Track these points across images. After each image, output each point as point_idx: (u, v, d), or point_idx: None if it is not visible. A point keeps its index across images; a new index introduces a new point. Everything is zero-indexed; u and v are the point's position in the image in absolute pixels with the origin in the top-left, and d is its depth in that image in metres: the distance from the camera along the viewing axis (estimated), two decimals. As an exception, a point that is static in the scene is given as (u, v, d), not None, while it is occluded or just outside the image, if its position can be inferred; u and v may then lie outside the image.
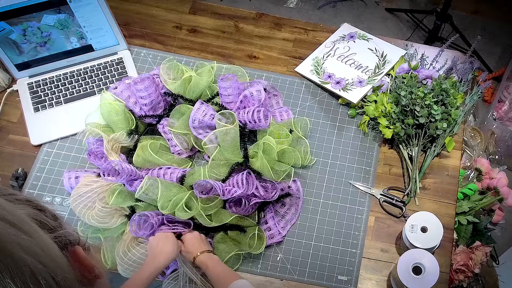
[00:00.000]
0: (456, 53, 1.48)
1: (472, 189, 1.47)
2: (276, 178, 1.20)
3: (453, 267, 1.39)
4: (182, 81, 1.30)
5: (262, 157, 1.20)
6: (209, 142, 1.22)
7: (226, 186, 1.14)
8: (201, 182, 1.13)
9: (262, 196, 1.16)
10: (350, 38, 1.49)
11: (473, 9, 2.75)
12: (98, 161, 1.18)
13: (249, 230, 1.17)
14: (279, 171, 1.22)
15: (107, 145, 1.18)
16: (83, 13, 1.29)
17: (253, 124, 1.25)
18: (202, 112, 1.23)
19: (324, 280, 1.17)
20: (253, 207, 1.17)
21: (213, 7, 1.55)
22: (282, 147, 1.23)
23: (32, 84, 1.35)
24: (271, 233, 1.19)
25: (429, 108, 1.28)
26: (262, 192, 1.17)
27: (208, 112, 1.24)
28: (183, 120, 1.24)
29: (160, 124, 1.27)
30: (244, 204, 1.14)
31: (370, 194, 1.28)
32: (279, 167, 1.22)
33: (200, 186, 1.14)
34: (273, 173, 1.20)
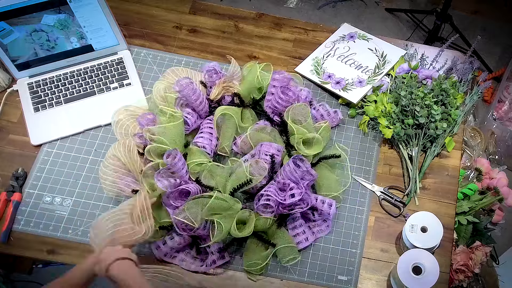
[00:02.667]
0: (456, 53, 1.49)
1: (472, 189, 1.47)
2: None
3: (453, 267, 1.39)
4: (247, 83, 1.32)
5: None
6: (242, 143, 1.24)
7: (281, 193, 1.14)
8: (262, 203, 1.12)
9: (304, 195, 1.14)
10: (350, 38, 1.49)
11: (473, 9, 2.75)
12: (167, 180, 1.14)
13: (280, 244, 1.15)
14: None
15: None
16: (83, 13, 1.29)
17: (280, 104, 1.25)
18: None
19: (324, 280, 1.17)
20: (288, 208, 1.15)
21: (213, 7, 1.55)
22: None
23: (32, 84, 1.35)
24: (299, 239, 1.18)
25: (429, 108, 1.28)
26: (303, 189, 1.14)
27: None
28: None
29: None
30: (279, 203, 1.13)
31: (370, 190, 1.28)
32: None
33: (262, 206, 1.13)
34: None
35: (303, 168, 1.14)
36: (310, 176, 1.16)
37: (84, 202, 1.23)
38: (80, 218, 1.21)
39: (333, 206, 1.17)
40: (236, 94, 1.30)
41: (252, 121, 1.30)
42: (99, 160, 1.28)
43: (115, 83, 1.37)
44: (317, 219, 1.21)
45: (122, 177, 1.19)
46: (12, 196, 1.20)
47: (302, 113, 1.24)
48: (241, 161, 1.19)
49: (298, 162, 1.14)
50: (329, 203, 1.17)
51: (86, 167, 1.27)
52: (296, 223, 1.19)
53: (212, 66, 1.34)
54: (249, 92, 1.32)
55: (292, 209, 1.15)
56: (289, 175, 1.13)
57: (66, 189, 1.24)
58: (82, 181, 1.25)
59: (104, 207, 1.22)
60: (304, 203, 1.16)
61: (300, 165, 1.14)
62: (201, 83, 1.34)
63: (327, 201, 1.18)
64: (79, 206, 1.22)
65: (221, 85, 1.31)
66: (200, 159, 1.20)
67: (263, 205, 1.14)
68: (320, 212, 1.19)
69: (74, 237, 1.19)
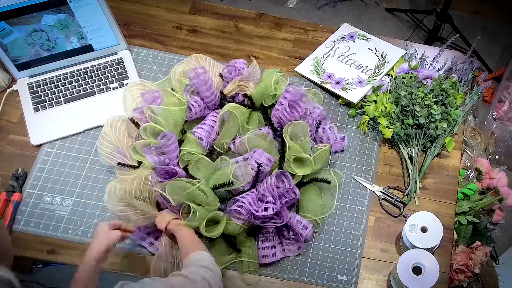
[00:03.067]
0: (456, 53, 1.49)
1: (472, 189, 1.47)
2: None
3: (453, 267, 1.39)
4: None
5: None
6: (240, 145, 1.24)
7: (258, 203, 1.13)
8: (234, 208, 1.13)
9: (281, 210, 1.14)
10: (350, 38, 1.49)
11: (473, 9, 2.75)
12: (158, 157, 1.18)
13: (245, 255, 1.16)
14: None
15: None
16: (83, 13, 1.29)
17: (285, 117, 1.25)
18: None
19: (324, 280, 1.17)
20: (261, 219, 1.14)
21: (213, 7, 1.55)
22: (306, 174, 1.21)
23: (32, 84, 1.35)
24: (266, 253, 1.17)
25: (429, 108, 1.28)
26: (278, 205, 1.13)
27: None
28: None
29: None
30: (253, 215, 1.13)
31: (370, 190, 1.28)
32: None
33: (234, 211, 1.13)
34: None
35: (286, 185, 1.13)
36: (292, 194, 1.16)
37: (84, 202, 1.23)
38: (80, 218, 1.21)
39: (308, 229, 1.15)
40: (247, 96, 1.30)
41: (258, 125, 1.30)
42: (99, 160, 1.28)
43: (115, 83, 1.37)
44: (291, 238, 1.19)
45: (118, 150, 1.23)
46: (12, 196, 1.20)
47: (302, 131, 1.23)
48: (230, 161, 1.19)
49: (283, 178, 1.14)
50: (305, 225, 1.16)
51: (86, 167, 1.27)
52: (268, 236, 1.17)
53: (235, 63, 1.34)
54: (261, 97, 1.32)
55: (266, 222, 1.14)
56: (269, 188, 1.13)
57: (66, 189, 1.24)
58: (82, 181, 1.25)
59: (104, 207, 1.22)
60: (279, 218, 1.15)
61: (284, 181, 1.14)
62: (219, 75, 1.35)
63: (304, 222, 1.16)
64: (79, 206, 1.22)
65: (237, 83, 1.31)
66: (193, 149, 1.21)
67: (235, 211, 1.13)
68: (295, 232, 1.17)
69: (74, 237, 1.19)
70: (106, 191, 1.14)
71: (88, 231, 1.19)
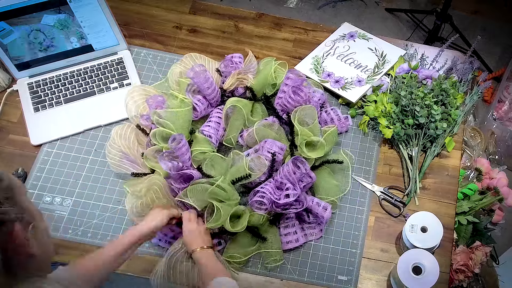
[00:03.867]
0: (456, 53, 1.48)
1: (472, 189, 1.47)
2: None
3: (453, 267, 1.39)
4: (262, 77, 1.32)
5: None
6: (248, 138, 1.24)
7: (278, 192, 1.13)
8: (256, 199, 1.13)
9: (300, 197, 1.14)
10: (350, 38, 1.49)
11: (473, 9, 2.75)
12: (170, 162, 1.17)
13: (270, 244, 1.16)
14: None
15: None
16: (83, 13, 1.29)
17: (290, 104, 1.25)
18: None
19: (324, 280, 1.17)
20: (283, 206, 1.15)
21: (213, 7, 1.55)
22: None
23: (32, 84, 1.35)
24: (288, 239, 1.18)
25: (429, 108, 1.28)
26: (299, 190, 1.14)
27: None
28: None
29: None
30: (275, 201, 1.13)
31: (370, 190, 1.28)
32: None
33: (256, 202, 1.14)
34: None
35: (302, 170, 1.14)
36: (308, 178, 1.16)
37: (84, 202, 1.23)
38: (80, 218, 1.21)
39: (328, 210, 1.16)
40: (249, 88, 1.30)
41: (262, 115, 1.30)
42: (99, 160, 1.28)
43: (115, 83, 1.37)
44: (312, 222, 1.20)
45: (127, 157, 1.22)
46: (12, 196, 1.20)
47: (310, 115, 1.24)
48: (243, 155, 1.19)
49: (298, 164, 1.14)
50: (324, 207, 1.17)
51: (86, 167, 1.27)
52: (289, 223, 1.19)
53: (231, 57, 1.34)
54: (262, 87, 1.32)
55: (287, 209, 1.15)
56: (287, 175, 1.13)
57: (66, 189, 1.24)
58: (82, 181, 1.25)
59: (104, 207, 1.22)
60: (299, 204, 1.16)
61: (299, 167, 1.14)
62: (216, 71, 1.35)
63: (323, 204, 1.17)
64: (79, 206, 1.22)
65: (236, 77, 1.31)
66: (204, 147, 1.21)
67: (257, 201, 1.14)
68: (315, 215, 1.18)
69: (74, 237, 1.19)
70: (127, 208, 1.16)
71: (88, 231, 1.19)
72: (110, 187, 1.25)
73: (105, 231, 1.20)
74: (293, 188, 1.13)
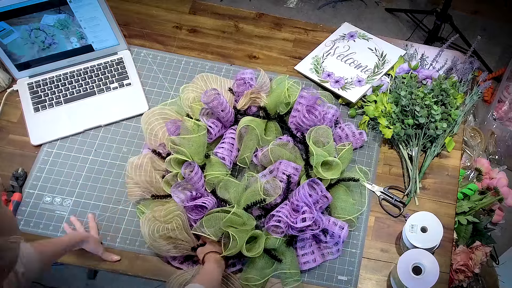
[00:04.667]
0: (456, 53, 1.48)
1: (472, 189, 1.47)
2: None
3: (453, 267, 1.39)
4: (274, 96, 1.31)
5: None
6: (263, 157, 1.23)
7: (294, 214, 1.13)
8: (272, 223, 1.12)
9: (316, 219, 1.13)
10: (350, 38, 1.49)
11: (473, 9, 2.75)
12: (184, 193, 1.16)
13: (287, 265, 1.15)
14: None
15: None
16: (83, 13, 1.29)
17: (305, 123, 1.24)
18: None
19: (324, 280, 1.17)
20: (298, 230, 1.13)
21: (213, 7, 1.55)
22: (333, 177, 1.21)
23: (32, 84, 1.35)
24: (306, 259, 1.17)
25: (429, 108, 1.28)
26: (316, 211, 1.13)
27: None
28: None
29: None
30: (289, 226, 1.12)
31: (370, 190, 1.28)
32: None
33: (272, 226, 1.12)
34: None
35: (318, 192, 1.13)
36: (325, 199, 1.16)
37: (84, 202, 1.23)
38: (80, 218, 1.21)
39: (344, 229, 1.15)
40: (262, 108, 1.29)
41: (276, 134, 1.29)
42: (99, 160, 1.28)
43: (115, 83, 1.37)
44: (329, 241, 1.18)
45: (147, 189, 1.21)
46: (12, 196, 1.20)
47: (325, 135, 1.23)
48: (258, 177, 1.19)
49: (314, 185, 1.14)
50: (341, 226, 1.16)
51: (86, 167, 1.27)
52: (306, 243, 1.17)
53: (243, 75, 1.32)
54: (275, 106, 1.31)
55: (303, 230, 1.13)
56: (303, 198, 1.12)
57: (66, 189, 1.24)
58: (82, 181, 1.25)
59: (104, 207, 1.22)
60: (316, 225, 1.14)
61: (315, 188, 1.14)
62: (229, 90, 1.34)
63: (339, 223, 1.16)
64: (79, 206, 1.22)
65: (249, 96, 1.30)
66: (218, 171, 1.19)
67: (274, 226, 1.13)
68: (332, 234, 1.17)
69: (74, 237, 1.19)
70: (142, 232, 1.14)
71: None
72: (110, 187, 1.25)
73: (105, 231, 1.20)
74: (310, 211, 1.12)
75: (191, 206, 1.12)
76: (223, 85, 1.36)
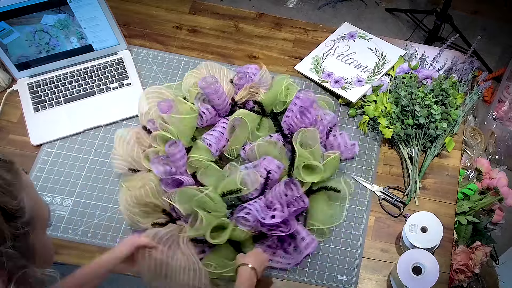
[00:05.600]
0: (456, 53, 1.48)
1: (472, 189, 1.47)
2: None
3: (453, 267, 1.39)
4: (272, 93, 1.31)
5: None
6: (250, 151, 1.23)
7: (266, 211, 1.12)
8: (241, 215, 1.11)
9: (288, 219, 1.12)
10: (350, 38, 1.49)
11: (473, 9, 2.75)
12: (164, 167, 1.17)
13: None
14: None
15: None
16: (83, 13, 1.29)
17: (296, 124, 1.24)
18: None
19: (324, 280, 1.17)
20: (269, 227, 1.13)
21: (213, 7, 1.55)
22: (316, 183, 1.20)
23: (32, 84, 1.35)
24: None
25: (429, 108, 1.28)
26: (286, 212, 1.12)
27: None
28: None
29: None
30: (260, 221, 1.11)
31: (370, 190, 1.28)
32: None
33: (241, 218, 1.12)
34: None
35: (295, 193, 1.12)
36: (301, 203, 1.15)
37: (84, 202, 1.23)
38: (80, 218, 1.21)
39: (311, 246, 1.14)
40: (257, 103, 1.30)
41: (269, 132, 1.29)
42: (99, 160, 1.28)
43: (115, 83, 1.37)
44: (290, 252, 1.17)
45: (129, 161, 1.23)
46: (12, 196, 1.20)
47: (312, 137, 1.22)
48: (239, 168, 1.19)
49: (292, 186, 1.14)
50: (308, 243, 1.14)
51: (86, 167, 1.27)
52: (271, 244, 1.16)
53: (246, 69, 1.33)
54: (272, 103, 1.31)
55: (273, 229, 1.12)
56: (277, 196, 1.12)
57: (66, 189, 1.24)
58: (82, 181, 1.25)
59: (104, 207, 1.22)
60: (287, 227, 1.13)
61: (292, 189, 1.13)
62: (230, 81, 1.34)
63: (308, 240, 1.15)
64: (79, 206, 1.22)
65: (248, 90, 1.30)
66: (202, 156, 1.21)
67: (242, 217, 1.12)
68: (296, 246, 1.16)
69: (74, 237, 1.19)
70: (120, 203, 1.16)
71: (88, 231, 1.19)
72: (110, 187, 1.25)
73: (105, 231, 1.20)
74: (281, 210, 1.11)
75: (168, 179, 1.13)
76: (225, 75, 1.37)
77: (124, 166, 1.22)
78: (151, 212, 1.16)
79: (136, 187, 1.16)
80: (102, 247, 1.17)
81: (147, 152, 1.21)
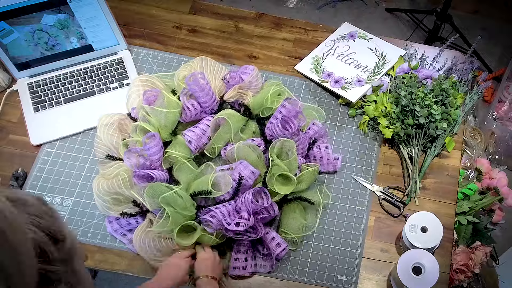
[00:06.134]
0: (456, 53, 1.49)
1: (472, 189, 1.47)
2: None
3: (453, 267, 1.39)
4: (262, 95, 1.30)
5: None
6: (230, 153, 1.22)
7: (234, 215, 1.11)
8: (206, 217, 1.10)
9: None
10: (350, 37, 1.49)
11: (473, 9, 2.75)
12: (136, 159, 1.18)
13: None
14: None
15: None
16: (83, 13, 1.29)
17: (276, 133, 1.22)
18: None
19: (324, 280, 1.17)
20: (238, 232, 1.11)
21: (213, 7, 1.55)
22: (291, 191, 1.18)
23: (32, 84, 1.35)
24: (236, 264, 1.15)
25: (429, 108, 1.28)
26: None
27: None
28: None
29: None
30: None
31: (370, 190, 1.28)
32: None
33: (207, 220, 1.11)
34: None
35: (264, 203, 1.11)
36: (271, 211, 1.13)
37: (84, 202, 1.23)
38: (80, 218, 1.21)
39: (281, 248, 1.14)
40: (242, 105, 1.29)
41: (253, 135, 1.28)
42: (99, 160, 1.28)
43: (115, 83, 1.37)
44: (265, 254, 1.16)
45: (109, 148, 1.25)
46: (12, 196, 1.20)
47: (290, 148, 1.20)
48: (215, 169, 1.18)
49: (263, 195, 1.13)
50: (279, 243, 1.14)
51: (86, 167, 1.27)
52: (242, 248, 1.15)
53: (245, 69, 1.32)
54: (259, 107, 1.29)
55: (240, 234, 1.11)
56: (245, 203, 1.10)
57: (66, 189, 1.24)
58: (82, 181, 1.25)
59: (104, 207, 1.22)
60: (255, 232, 1.12)
61: (263, 198, 1.12)
62: (223, 79, 1.34)
63: (279, 240, 1.14)
64: (79, 206, 1.22)
65: (236, 90, 1.30)
66: (179, 152, 1.20)
67: (205, 220, 1.10)
68: (268, 248, 1.15)
69: (74, 237, 1.18)
70: (93, 187, 1.18)
71: (88, 231, 1.19)
72: (110, 187, 1.25)
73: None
74: (247, 218, 1.09)
75: (139, 173, 1.13)
76: (219, 72, 1.36)
77: (103, 152, 1.23)
78: (122, 201, 1.17)
79: (110, 176, 1.17)
80: (102, 247, 1.17)
81: (127, 141, 1.21)
